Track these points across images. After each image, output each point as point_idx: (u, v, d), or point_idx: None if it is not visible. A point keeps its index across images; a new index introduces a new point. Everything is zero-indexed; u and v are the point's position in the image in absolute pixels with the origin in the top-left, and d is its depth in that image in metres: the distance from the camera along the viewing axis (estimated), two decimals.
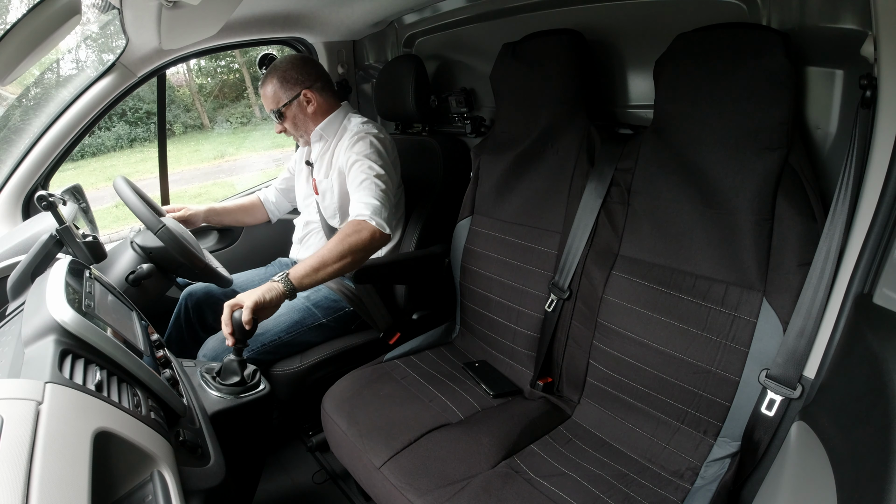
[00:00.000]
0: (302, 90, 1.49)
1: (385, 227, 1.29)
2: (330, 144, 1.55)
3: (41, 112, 1.60)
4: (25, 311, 0.76)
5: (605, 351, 1.14)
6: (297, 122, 1.53)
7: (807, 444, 0.75)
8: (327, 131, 1.55)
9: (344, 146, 1.48)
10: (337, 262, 1.21)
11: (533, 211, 1.34)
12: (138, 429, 0.64)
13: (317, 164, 1.59)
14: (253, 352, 1.37)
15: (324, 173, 1.56)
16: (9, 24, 1.12)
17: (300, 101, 1.51)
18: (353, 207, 1.34)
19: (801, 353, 0.86)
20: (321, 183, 1.57)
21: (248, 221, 1.84)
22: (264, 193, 1.83)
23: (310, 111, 1.52)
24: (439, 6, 1.69)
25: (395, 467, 1.02)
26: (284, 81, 1.49)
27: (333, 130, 1.55)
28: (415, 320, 1.62)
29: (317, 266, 1.19)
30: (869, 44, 0.80)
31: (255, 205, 1.82)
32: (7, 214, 1.55)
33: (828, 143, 0.96)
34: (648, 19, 1.22)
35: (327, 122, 1.54)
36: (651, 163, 1.11)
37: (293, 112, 1.52)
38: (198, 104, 8.69)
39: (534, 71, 1.30)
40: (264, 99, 1.53)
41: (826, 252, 0.83)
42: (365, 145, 1.43)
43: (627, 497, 0.96)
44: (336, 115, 1.55)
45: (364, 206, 1.31)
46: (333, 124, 1.55)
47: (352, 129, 1.51)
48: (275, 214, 1.83)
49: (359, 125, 1.50)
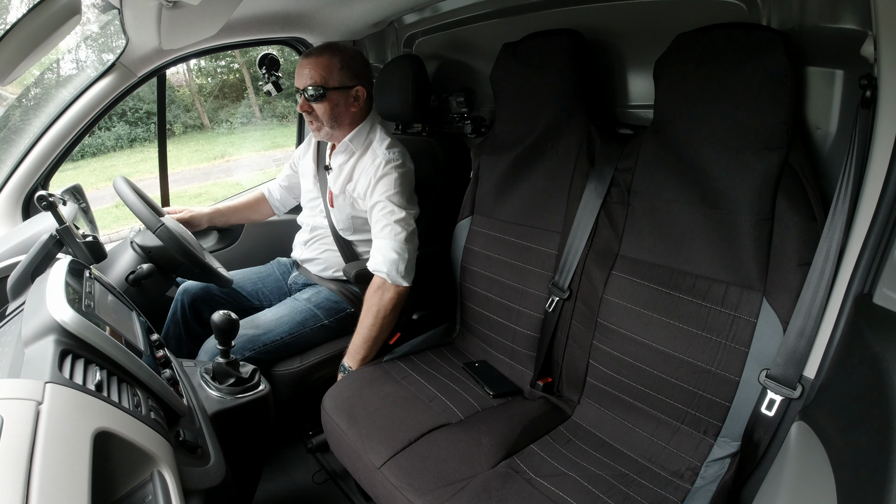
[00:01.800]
0: (358, 84, 1.45)
1: (403, 281, 1.36)
2: (352, 157, 1.51)
3: (41, 112, 1.60)
4: (25, 311, 0.76)
5: (605, 351, 1.14)
6: (335, 112, 1.44)
7: (807, 444, 0.75)
8: (355, 143, 1.49)
9: (367, 172, 1.44)
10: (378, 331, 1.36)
11: (533, 211, 1.34)
12: (138, 429, 0.64)
13: (335, 172, 1.54)
14: (254, 352, 1.37)
15: (340, 186, 1.52)
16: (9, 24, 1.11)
17: (350, 94, 1.44)
18: (373, 258, 1.38)
19: (801, 353, 0.86)
20: (337, 197, 1.54)
21: (255, 218, 1.85)
22: (268, 189, 1.82)
23: (353, 110, 1.47)
24: (439, 6, 1.69)
25: (395, 467, 1.02)
26: (347, 66, 1.42)
27: (360, 142, 1.49)
28: (415, 320, 1.62)
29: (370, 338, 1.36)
30: (869, 44, 0.80)
31: (259, 200, 1.81)
32: (7, 214, 1.54)
33: (828, 143, 0.96)
34: (648, 19, 1.22)
35: (356, 133, 1.49)
36: (651, 163, 1.11)
37: (337, 100, 1.43)
38: (198, 104, 8.70)
39: (534, 71, 1.30)
40: (308, 68, 1.40)
41: (826, 252, 0.83)
42: (389, 183, 1.39)
43: (627, 497, 0.96)
44: (364, 126, 1.50)
45: (383, 262, 1.35)
46: (360, 136, 1.49)
47: (376, 150, 1.46)
48: (280, 210, 1.83)
49: (384, 151, 1.44)
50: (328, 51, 1.42)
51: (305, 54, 1.45)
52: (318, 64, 1.40)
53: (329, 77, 1.41)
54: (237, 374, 1.05)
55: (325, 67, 1.40)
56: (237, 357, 1.13)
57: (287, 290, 1.68)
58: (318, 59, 1.41)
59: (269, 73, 1.83)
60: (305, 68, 1.41)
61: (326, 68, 1.40)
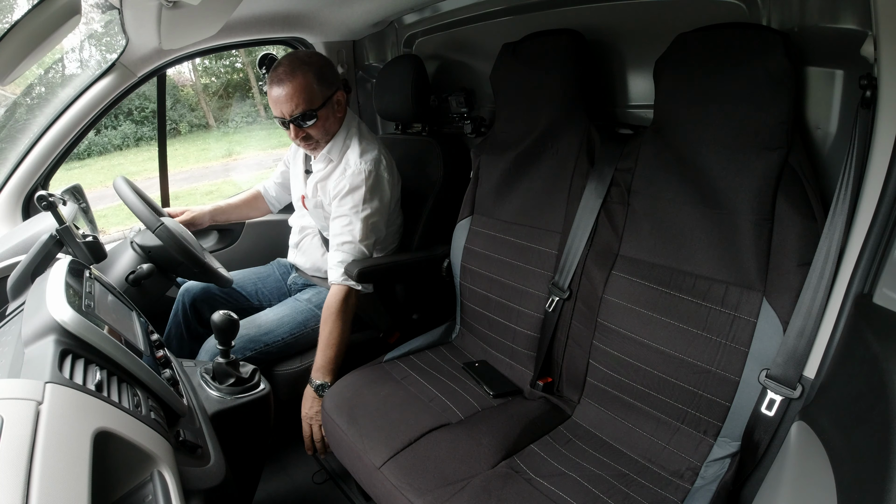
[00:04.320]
0: (336, 89, 1.38)
1: (358, 286, 1.39)
2: (329, 166, 1.46)
3: (40, 112, 1.60)
4: (25, 311, 0.76)
5: (606, 351, 1.14)
6: (327, 126, 1.39)
7: (807, 444, 0.74)
8: (332, 153, 1.44)
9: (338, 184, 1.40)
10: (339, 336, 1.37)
11: (533, 211, 1.34)
12: (138, 429, 0.64)
13: (312, 176, 1.51)
14: (256, 352, 1.38)
15: (312, 190, 1.51)
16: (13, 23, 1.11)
17: (334, 102, 1.38)
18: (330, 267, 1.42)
19: (801, 353, 0.86)
20: (309, 200, 1.53)
21: (254, 215, 1.87)
22: (263, 186, 1.83)
23: (339, 115, 1.41)
24: (439, 6, 1.69)
25: (395, 467, 1.02)
26: (322, 77, 1.34)
27: (337, 152, 1.44)
28: (415, 320, 1.62)
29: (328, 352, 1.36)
30: (869, 44, 0.80)
31: (257, 197, 1.83)
32: (7, 214, 1.55)
33: (828, 143, 0.96)
34: (648, 19, 1.22)
35: (332, 144, 1.43)
36: (651, 163, 1.11)
37: (327, 114, 1.37)
38: (203, 104, 8.73)
39: (534, 71, 1.30)
40: (287, 98, 1.32)
41: (826, 252, 0.83)
42: (356, 198, 1.39)
43: (627, 497, 0.96)
44: (340, 134, 1.44)
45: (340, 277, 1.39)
46: (337, 145, 1.44)
47: (349, 159, 1.41)
48: (275, 207, 1.85)
49: (356, 158, 1.40)
50: (299, 70, 1.32)
51: (275, 81, 1.33)
52: (297, 88, 1.32)
53: (313, 97, 1.33)
54: (237, 374, 1.05)
55: (306, 89, 1.32)
56: (238, 357, 1.13)
57: (287, 291, 1.69)
58: (293, 84, 1.32)
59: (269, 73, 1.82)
60: (283, 97, 1.32)
61: (307, 90, 1.32)
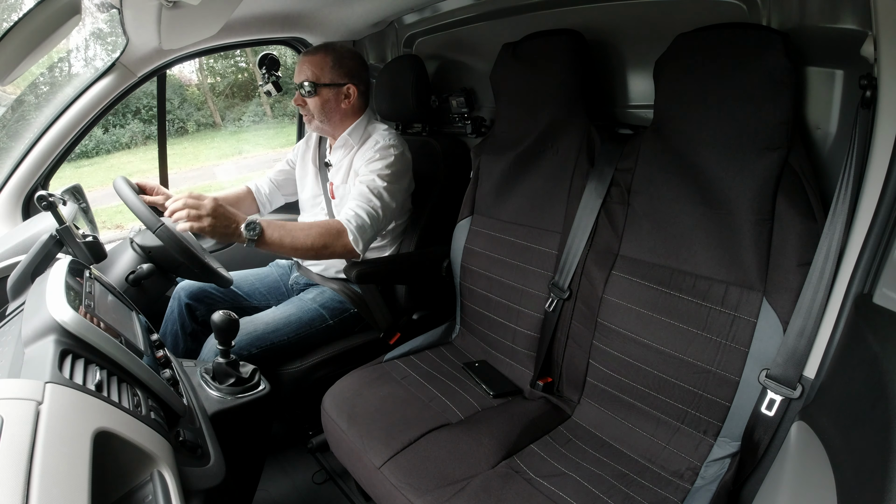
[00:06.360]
0: (349, 83, 1.51)
1: (358, 247, 1.34)
2: (351, 151, 1.55)
3: (40, 112, 1.60)
4: (25, 311, 0.76)
5: (606, 351, 1.14)
6: (325, 107, 1.51)
7: (807, 444, 0.74)
8: (353, 137, 1.55)
9: (366, 155, 1.48)
10: (303, 250, 1.29)
11: (533, 211, 1.34)
12: (138, 429, 0.64)
13: (335, 167, 1.59)
14: (261, 349, 1.37)
15: (342, 178, 1.56)
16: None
17: (341, 91, 1.51)
18: (345, 210, 1.37)
19: (801, 353, 0.86)
20: (338, 188, 1.57)
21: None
22: (255, 184, 1.73)
23: (343, 106, 1.52)
24: (439, 6, 1.69)
25: (395, 467, 1.02)
26: (339, 64, 1.49)
27: (357, 136, 1.55)
28: (415, 320, 1.62)
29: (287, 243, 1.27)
30: (869, 44, 0.80)
31: (243, 196, 1.70)
32: (7, 214, 1.54)
33: (828, 143, 0.96)
34: (648, 19, 1.22)
35: (353, 128, 1.54)
36: (651, 163, 1.11)
37: (327, 96, 1.50)
38: (210, 103, 8.77)
39: (534, 71, 1.30)
40: (302, 65, 1.50)
41: (826, 252, 0.83)
42: (383, 164, 1.44)
43: (627, 497, 0.96)
44: (361, 122, 1.56)
45: (354, 218, 1.34)
46: (358, 130, 1.55)
47: (376, 138, 1.51)
48: (266, 207, 1.74)
49: (384, 136, 1.50)
50: (323, 49, 1.51)
51: (304, 52, 1.54)
52: (312, 62, 1.49)
53: (321, 74, 1.48)
54: (237, 374, 1.05)
55: (318, 65, 1.48)
56: (244, 353, 1.12)
57: (285, 292, 1.68)
58: (312, 58, 1.49)
59: (269, 73, 1.83)
60: (303, 65, 1.50)
61: (319, 66, 1.48)
